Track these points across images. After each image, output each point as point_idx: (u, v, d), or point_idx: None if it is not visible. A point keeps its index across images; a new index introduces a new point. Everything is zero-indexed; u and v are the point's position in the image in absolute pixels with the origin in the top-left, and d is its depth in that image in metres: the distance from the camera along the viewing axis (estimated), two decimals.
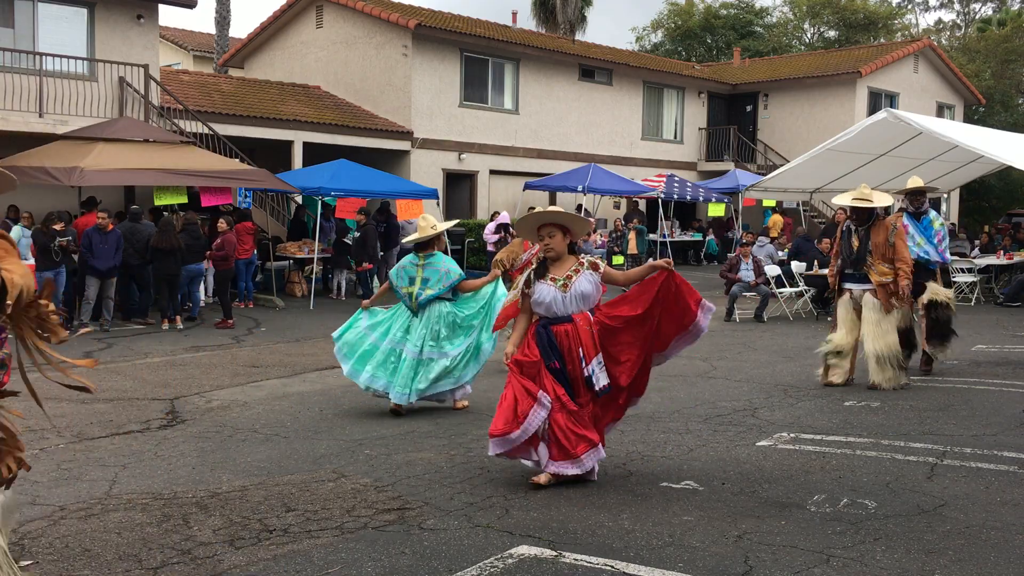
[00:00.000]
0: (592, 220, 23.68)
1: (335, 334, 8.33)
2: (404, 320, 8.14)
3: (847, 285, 9.37)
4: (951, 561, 4.61)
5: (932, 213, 9.99)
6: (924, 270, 9.81)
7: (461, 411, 8.28)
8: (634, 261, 20.38)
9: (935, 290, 9.88)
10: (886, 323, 9.06)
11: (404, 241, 8.97)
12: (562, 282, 5.88)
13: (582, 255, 6.01)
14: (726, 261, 17.45)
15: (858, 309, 9.26)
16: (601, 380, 5.89)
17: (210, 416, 8.16)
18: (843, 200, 9.57)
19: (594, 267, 5.98)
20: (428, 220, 8.18)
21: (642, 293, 6.01)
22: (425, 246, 8.09)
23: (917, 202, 9.97)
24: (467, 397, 8.37)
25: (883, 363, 9.00)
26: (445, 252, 8.41)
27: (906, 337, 9.59)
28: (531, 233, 6.07)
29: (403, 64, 23.72)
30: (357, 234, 15.63)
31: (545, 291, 5.88)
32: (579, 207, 23.82)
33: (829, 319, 9.57)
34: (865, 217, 9.17)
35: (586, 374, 5.87)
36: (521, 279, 6.03)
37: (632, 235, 20.26)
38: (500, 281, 8.43)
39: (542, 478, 5.85)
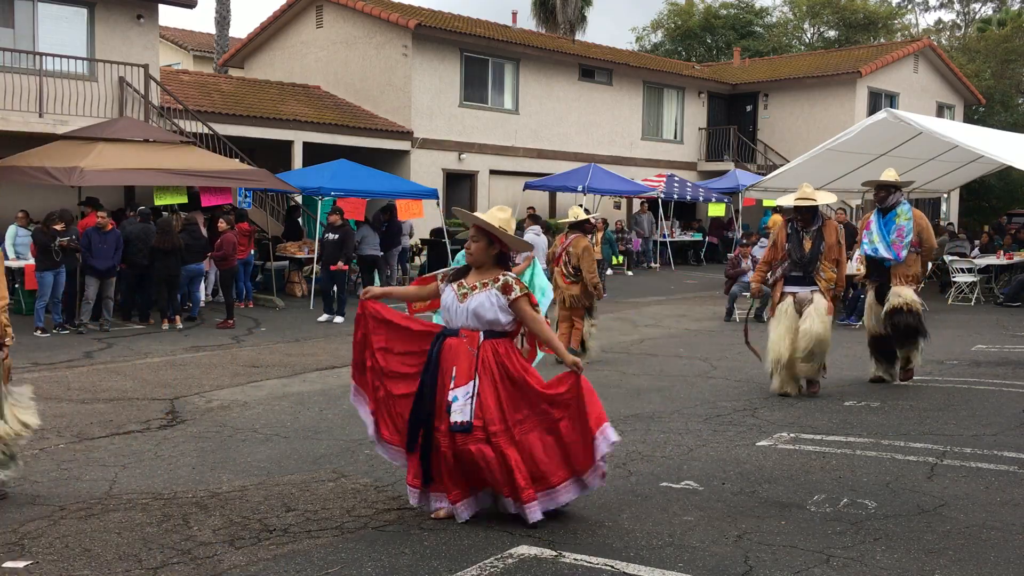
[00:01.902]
0: (599, 219, 23.54)
1: None
2: None
3: (790, 288, 8.83)
4: (951, 561, 4.61)
5: (901, 208, 9.44)
6: (878, 267, 9.47)
7: None
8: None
9: (897, 295, 9.30)
10: (827, 321, 8.68)
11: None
12: (464, 291, 5.26)
13: (506, 273, 5.29)
14: (728, 260, 17.44)
15: (799, 311, 8.74)
16: (460, 414, 5.06)
17: (210, 416, 8.16)
18: (787, 201, 9.26)
19: (505, 289, 5.21)
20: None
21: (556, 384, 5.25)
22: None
23: (878, 197, 9.53)
24: None
25: (814, 356, 8.67)
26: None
27: (882, 345, 9.32)
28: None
29: (403, 64, 23.72)
30: (334, 236, 15.09)
31: (447, 294, 5.34)
32: (581, 207, 23.77)
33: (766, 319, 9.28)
34: (811, 218, 8.77)
35: (448, 399, 5.13)
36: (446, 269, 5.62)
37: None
38: (536, 267, 8.93)
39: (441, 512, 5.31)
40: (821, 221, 8.82)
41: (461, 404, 5.07)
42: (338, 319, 14.82)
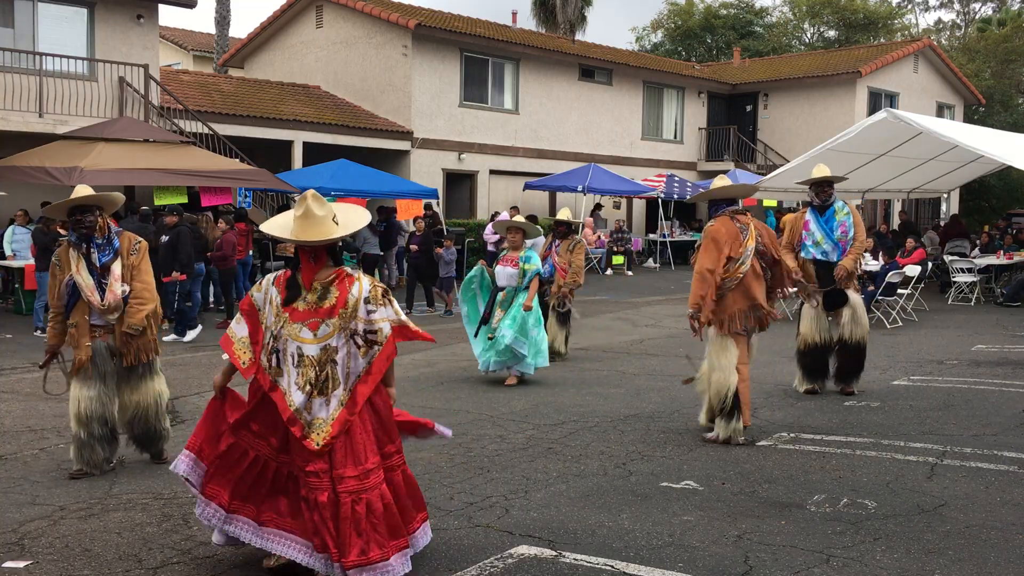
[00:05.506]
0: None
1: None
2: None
3: None
4: (951, 561, 4.61)
5: (837, 204, 9.03)
6: (826, 270, 8.86)
7: (462, 410, 8.29)
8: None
9: (853, 319, 8.78)
10: (726, 357, 7.14)
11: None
12: None
13: (345, 267, 4.42)
14: None
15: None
16: None
17: None
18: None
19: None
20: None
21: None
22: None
23: (824, 194, 9.03)
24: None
25: (715, 410, 7.12)
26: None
27: (821, 358, 8.87)
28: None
29: (403, 64, 23.72)
30: (166, 237, 13.01)
31: None
32: (598, 206, 23.85)
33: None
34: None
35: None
36: None
37: None
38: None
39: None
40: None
41: None
42: (184, 335, 13.03)
